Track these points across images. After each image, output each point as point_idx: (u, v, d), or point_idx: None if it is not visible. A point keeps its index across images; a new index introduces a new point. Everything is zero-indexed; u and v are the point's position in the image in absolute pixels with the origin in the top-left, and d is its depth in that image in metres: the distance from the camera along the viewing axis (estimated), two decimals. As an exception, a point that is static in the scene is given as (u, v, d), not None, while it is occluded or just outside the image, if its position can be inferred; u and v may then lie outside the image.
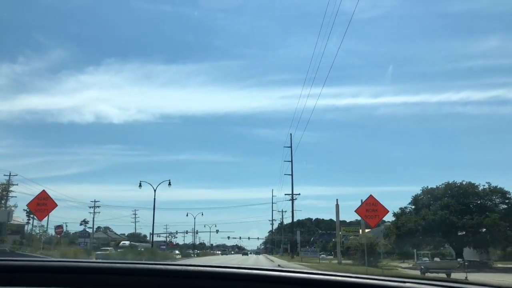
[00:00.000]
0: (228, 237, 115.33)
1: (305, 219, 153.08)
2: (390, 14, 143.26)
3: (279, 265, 22.99)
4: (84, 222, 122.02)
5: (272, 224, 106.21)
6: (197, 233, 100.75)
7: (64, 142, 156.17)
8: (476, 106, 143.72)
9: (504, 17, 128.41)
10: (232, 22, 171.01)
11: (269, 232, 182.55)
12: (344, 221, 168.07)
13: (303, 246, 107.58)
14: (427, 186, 49.74)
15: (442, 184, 47.54)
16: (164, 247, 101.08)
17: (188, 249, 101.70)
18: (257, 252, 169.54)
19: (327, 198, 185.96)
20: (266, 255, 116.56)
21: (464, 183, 45.49)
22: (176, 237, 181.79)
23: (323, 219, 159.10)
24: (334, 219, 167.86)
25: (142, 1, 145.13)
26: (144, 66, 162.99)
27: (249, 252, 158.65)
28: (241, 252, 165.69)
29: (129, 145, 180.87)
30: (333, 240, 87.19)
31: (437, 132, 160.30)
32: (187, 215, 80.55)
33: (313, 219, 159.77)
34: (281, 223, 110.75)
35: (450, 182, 46.58)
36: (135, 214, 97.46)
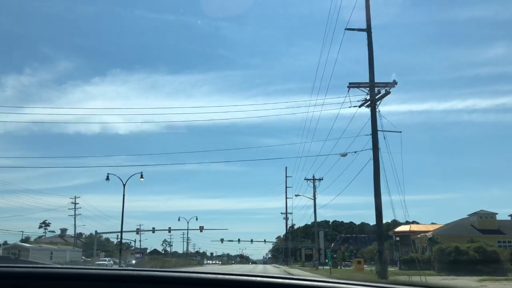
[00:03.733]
0: (222, 240, 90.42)
1: (323, 221, 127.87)
2: (395, 22, 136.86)
3: None
4: (44, 224, 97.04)
5: (287, 218, 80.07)
6: (169, 231, 74.58)
7: (71, 153, 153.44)
8: (482, 114, 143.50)
9: (509, 25, 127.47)
10: (236, 31, 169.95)
11: (276, 238, 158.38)
12: (364, 223, 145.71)
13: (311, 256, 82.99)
14: None
15: None
16: (139, 255, 76.13)
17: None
18: (264, 261, 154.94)
19: (333, 207, 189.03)
20: (275, 265, 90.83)
21: None
22: (171, 245, 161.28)
23: (342, 222, 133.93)
24: (355, 222, 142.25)
25: (146, 11, 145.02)
26: (150, 76, 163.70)
27: (257, 262, 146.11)
28: (243, 262, 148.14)
29: (135, 155, 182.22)
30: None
31: (443, 141, 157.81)
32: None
33: (331, 221, 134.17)
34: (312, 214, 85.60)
35: None
36: (74, 205, 71.19)
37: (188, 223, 77.03)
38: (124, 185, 43.23)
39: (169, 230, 74.91)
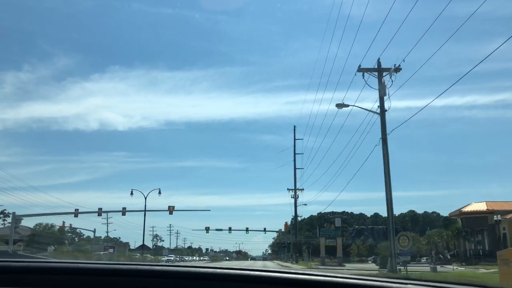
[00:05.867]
0: (207, 230, 76.02)
1: (330, 212, 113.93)
2: (394, 18, 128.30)
3: None
4: (3, 213, 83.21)
5: (296, 196, 64.67)
6: (124, 213, 58.10)
7: (69, 150, 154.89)
8: (482, 110, 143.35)
9: (509, 21, 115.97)
10: (236, 27, 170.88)
11: (277, 232, 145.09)
12: (378, 214, 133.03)
13: (330, 250, 62.77)
14: None
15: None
16: (112, 250, 62.37)
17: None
18: (264, 257, 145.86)
19: (333, 204, 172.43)
20: (278, 262, 77.14)
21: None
22: (163, 240, 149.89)
23: (352, 213, 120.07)
24: (367, 213, 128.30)
25: (145, 5, 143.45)
26: (149, 73, 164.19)
27: (256, 258, 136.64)
28: (240, 258, 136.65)
29: (134, 152, 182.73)
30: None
31: (442, 137, 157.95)
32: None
33: (339, 212, 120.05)
34: None
35: None
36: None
37: (146, 198, 59.37)
38: None
39: (124, 211, 56.02)
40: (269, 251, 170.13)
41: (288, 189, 65.23)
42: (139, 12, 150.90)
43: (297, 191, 63.16)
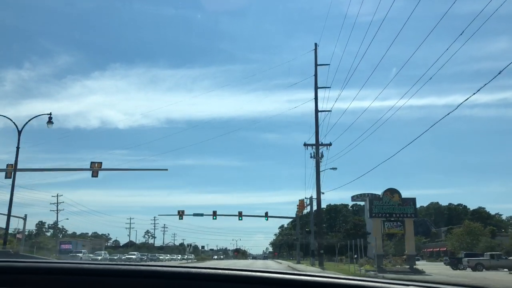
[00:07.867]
0: (180, 214, 60.15)
1: (341, 205, 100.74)
2: (396, 16, 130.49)
3: None
4: None
5: (318, 166, 42.35)
6: (9, 175, 38.90)
7: (70, 148, 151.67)
8: (484, 108, 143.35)
9: (511, 19, 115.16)
10: (237, 25, 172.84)
11: (278, 229, 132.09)
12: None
13: (346, 250, 45.32)
14: None
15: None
16: (70, 246, 48.94)
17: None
18: (265, 256, 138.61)
19: (334, 202, 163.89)
20: (289, 263, 63.45)
21: None
22: (155, 237, 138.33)
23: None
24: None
25: (147, 4, 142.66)
26: (150, 71, 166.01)
27: (256, 257, 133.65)
28: (237, 256, 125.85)
29: (134, 150, 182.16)
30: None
31: (443, 135, 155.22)
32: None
33: (350, 205, 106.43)
34: None
35: None
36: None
37: (19, 132, 32.14)
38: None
39: (10, 172, 34.83)
40: (270, 249, 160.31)
41: (305, 145, 42.37)
42: (140, 11, 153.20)
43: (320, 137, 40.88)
